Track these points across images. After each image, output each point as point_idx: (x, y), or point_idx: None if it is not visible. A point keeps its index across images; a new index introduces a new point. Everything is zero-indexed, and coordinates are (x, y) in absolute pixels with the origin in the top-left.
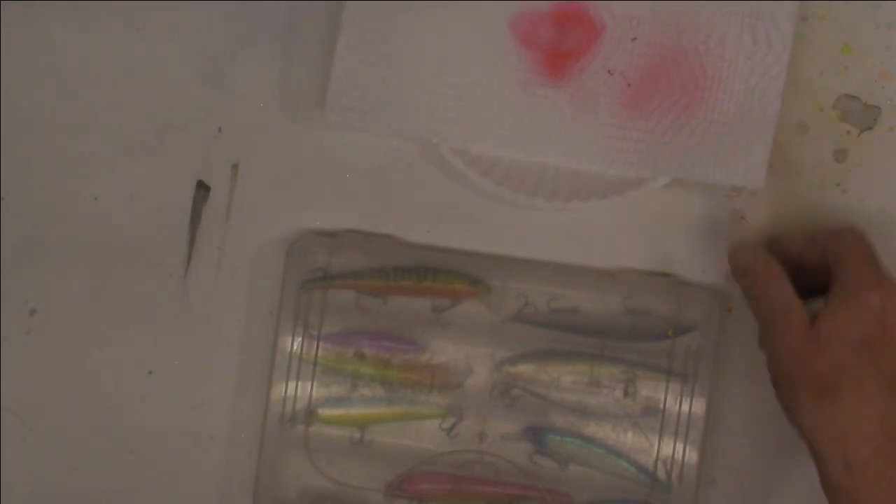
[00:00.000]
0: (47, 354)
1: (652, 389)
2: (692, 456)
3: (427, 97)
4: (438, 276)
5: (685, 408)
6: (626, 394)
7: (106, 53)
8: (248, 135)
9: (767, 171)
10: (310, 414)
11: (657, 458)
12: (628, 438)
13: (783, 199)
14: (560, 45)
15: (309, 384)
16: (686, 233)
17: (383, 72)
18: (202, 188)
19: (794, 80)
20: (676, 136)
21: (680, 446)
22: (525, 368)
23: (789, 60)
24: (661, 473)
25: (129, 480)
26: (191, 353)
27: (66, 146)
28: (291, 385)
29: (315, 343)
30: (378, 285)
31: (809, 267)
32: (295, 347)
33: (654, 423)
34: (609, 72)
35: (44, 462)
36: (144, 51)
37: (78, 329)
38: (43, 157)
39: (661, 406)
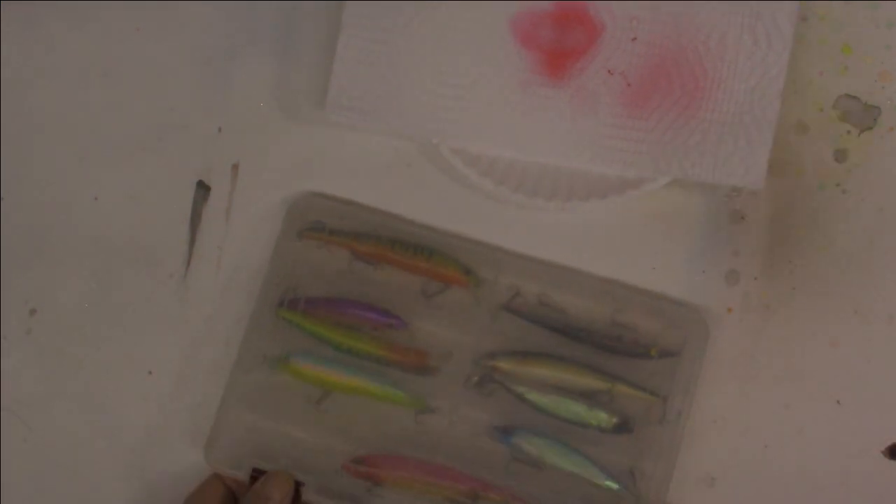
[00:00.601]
0: (47, 354)
1: (628, 405)
2: (661, 473)
3: (427, 97)
4: (434, 256)
5: (658, 428)
6: (601, 405)
7: (106, 53)
8: (248, 135)
9: (767, 171)
10: (282, 360)
11: (627, 470)
12: (598, 449)
13: (783, 199)
14: (560, 45)
15: (286, 340)
16: (686, 233)
17: (383, 72)
18: (202, 188)
19: (794, 80)
20: (676, 136)
21: (650, 464)
22: (505, 364)
23: (789, 60)
24: (630, 486)
25: (129, 480)
26: (191, 353)
27: (66, 146)
28: (268, 336)
29: (299, 303)
30: (373, 250)
31: None
32: (278, 303)
33: (625, 439)
34: (609, 72)
35: (44, 462)
36: (144, 51)
37: (78, 329)
38: (43, 157)
39: (635, 423)
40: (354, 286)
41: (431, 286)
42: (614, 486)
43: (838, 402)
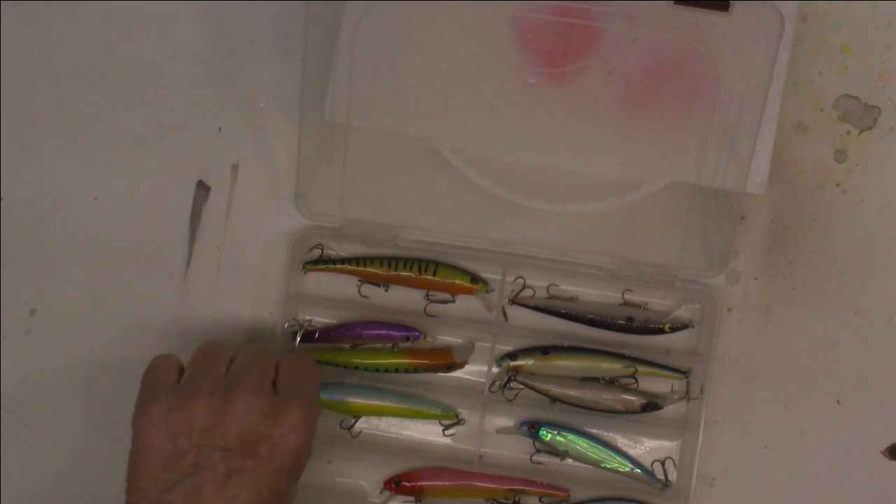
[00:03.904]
0: (47, 354)
1: (652, 385)
2: (690, 453)
3: (427, 97)
4: (439, 269)
5: (684, 404)
6: (626, 390)
7: (106, 53)
8: (248, 135)
9: (768, 171)
10: None
11: (657, 457)
12: (627, 434)
13: (783, 199)
14: (560, 45)
15: None
16: (686, 234)
17: (383, 72)
18: (202, 188)
19: (794, 80)
20: (676, 137)
21: (678, 443)
22: (525, 362)
23: (789, 60)
24: (659, 471)
25: None
26: (190, 353)
27: (66, 146)
28: None
29: (314, 336)
30: (379, 273)
31: None
32: (295, 344)
33: (653, 420)
34: (609, 72)
35: (44, 462)
36: (144, 51)
37: (78, 329)
38: (43, 157)
39: (661, 403)
40: (367, 309)
41: (443, 298)
42: (641, 472)
43: (838, 402)
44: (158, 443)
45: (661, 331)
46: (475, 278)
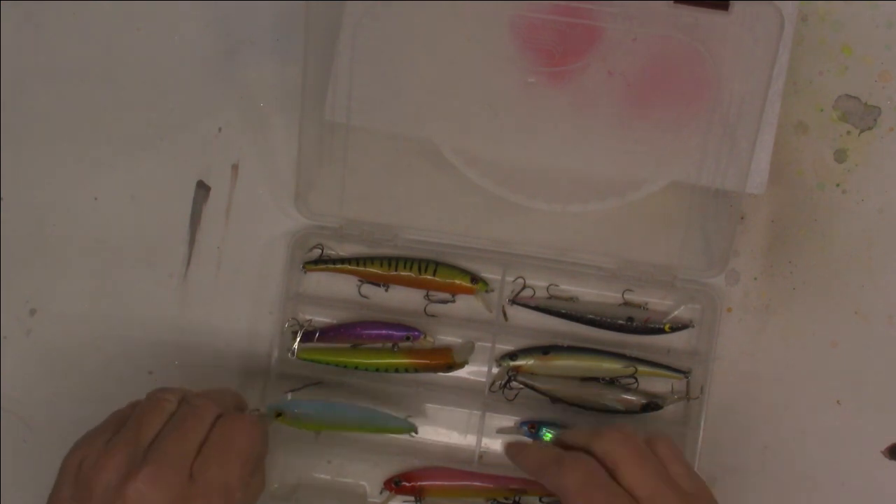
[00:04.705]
0: (47, 354)
1: (652, 385)
2: (690, 453)
3: (427, 97)
4: (439, 269)
5: (684, 404)
6: (626, 389)
7: (106, 53)
8: (248, 135)
9: (767, 171)
10: (278, 412)
11: None
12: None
13: (783, 199)
14: (560, 45)
15: (308, 375)
16: (686, 234)
17: (383, 71)
18: (202, 188)
19: (794, 80)
20: (676, 137)
21: (679, 443)
22: (525, 362)
23: (789, 60)
24: None
25: None
26: (191, 353)
27: (66, 146)
28: (291, 378)
29: (314, 336)
30: (379, 273)
31: None
32: (295, 344)
33: (653, 420)
34: (609, 72)
35: (44, 462)
36: (144, 51)
37: (78, 329)
38: (43, 157)
39: (661, 403)
40: (367, 309)
41: (443, 298)
42: None
43: (838, 402)
44: (67, 490)
45: (661, 331)
46: (475, 278)
